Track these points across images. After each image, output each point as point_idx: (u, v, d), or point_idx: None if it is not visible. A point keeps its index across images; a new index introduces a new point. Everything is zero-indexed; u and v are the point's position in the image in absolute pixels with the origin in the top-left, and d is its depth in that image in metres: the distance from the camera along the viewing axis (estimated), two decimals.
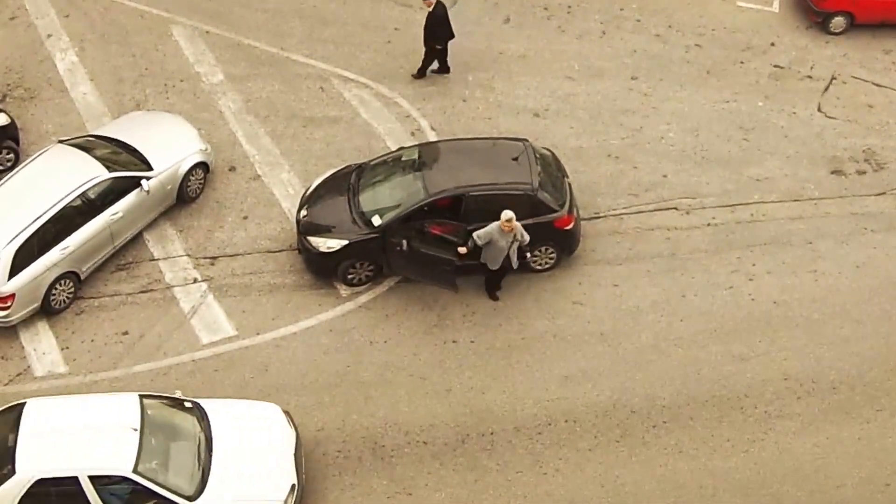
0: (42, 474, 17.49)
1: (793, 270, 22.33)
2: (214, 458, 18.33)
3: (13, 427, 18.08)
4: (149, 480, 17.62)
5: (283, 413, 19.23)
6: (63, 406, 18.42)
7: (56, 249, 20.81)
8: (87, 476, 17.50)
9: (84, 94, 24.89)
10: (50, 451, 17.74)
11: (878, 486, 19.37)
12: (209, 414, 18.87)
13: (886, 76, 26.13)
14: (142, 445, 17.87)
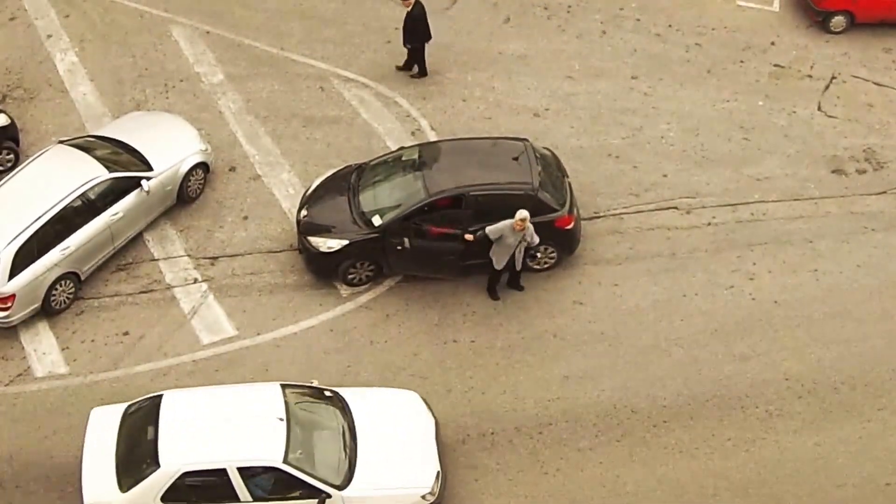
0: (189, 467, 17.46)
1: (793, 270, 22.33)
2: (359, 446, 18.25)
3: (152, 420, 18.01)
4: (298, 470, 17.56)
5: (421, 400, 19.19)
6: (201, 397, 18.36)
7: (56, 250, 20.81)
8: (236, 467, 17.45)
9: (84, 95, 24.88)
10: (195, 443, 17.66)
11: (879, 486, 19.36)
12: (349, 402, 18.80)
13: (887, 75, 26.11)
14: (289, 435, 17.78)
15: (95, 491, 17.80)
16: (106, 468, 17.95)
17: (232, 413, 18.09)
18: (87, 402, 20.12)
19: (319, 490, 17.65)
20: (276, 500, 17.73)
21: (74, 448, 19.55)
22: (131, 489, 17.60)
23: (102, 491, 17.76)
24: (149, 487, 17.51)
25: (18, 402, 20.18)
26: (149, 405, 18.44)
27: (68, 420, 19.93)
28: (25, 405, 20.14)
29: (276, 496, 17.72)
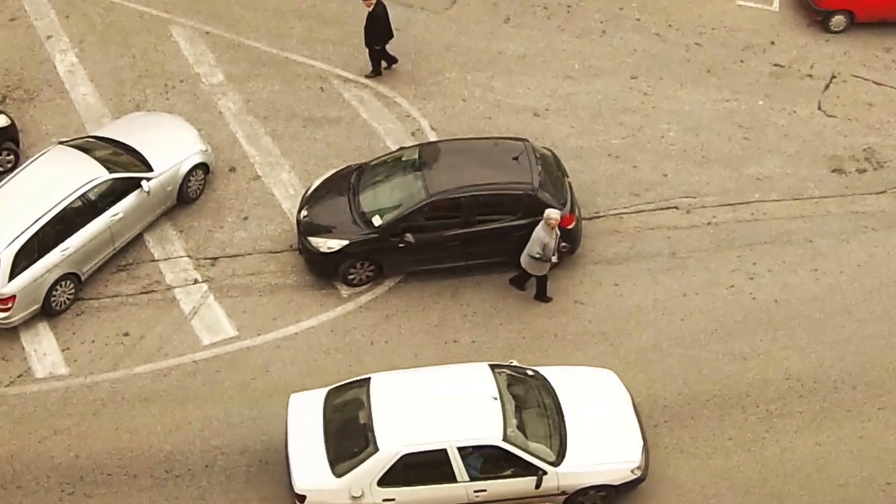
0: (409, 449, 17.50)
1: (794, 269, 22.32)
2: (567, 423, 18.34)
3: (362, 403, 18.03)
4: (517, 448, 17.62)
5: (616, 376, 19.34)
6: (410, 379, 18.37)
7: (56, 251, 20.82)
8: (456, 447, 17.48)
9: (84, 95, 24.89)
10: (413, 424, 17.65)
11: (880, 485, 19.36)
12: (551, 381, 18.89)
13: (887, 74, 26.10)
14: (505, 414, 17.82)
15: (307, 477, 17.81)
16: (315, 454, 17.96)
17: (445, 393, 18.11)
18: (88, 404, 20.15)
19: (536, 467, 17.77)
20: (489, 479, 17.82)
21: (75, 448, 19.59)
22: (347, 474, 17.65)
23: (315, 477, 17.78)
24: (366, 471, 17.51)
25: (19, 403, 20.19)
26: (355, 389, 18.46)
27: (69, 421, 19.95)
28: (26, 406, 20.16)
29: (488, 475, 17.81)
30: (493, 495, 17.94)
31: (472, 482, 17.74)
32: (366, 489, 17.59)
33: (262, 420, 19.97)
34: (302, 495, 17.80)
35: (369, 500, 17.67)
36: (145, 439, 19.76)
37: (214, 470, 19.42)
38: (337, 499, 17.68)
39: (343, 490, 17.64)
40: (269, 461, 19.51)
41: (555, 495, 18.13)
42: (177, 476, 19.36)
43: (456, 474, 17.66)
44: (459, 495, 17.85)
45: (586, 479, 18.06)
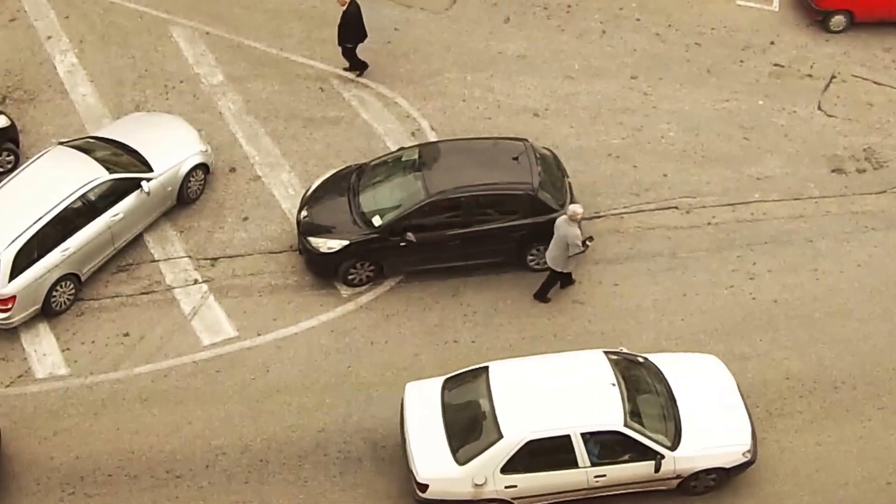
0: (534, 435, 17.66)
1: (794, 269, 22.32)
2: (680, 408, 18.55)
3: (483, 391, 18.18)
4: (638, 433, 17.82)
5: (721, 362, 19.51)
6: (528, 367, 18.51)
7: (56, 251, 20.82)
8: (580, 433, 17.73)
9: (84, 96, 24.89)
10: (536, 412, 17.81)
11: (880, 485, 19.36)
12: (660, 367, 19.07)
13: (886, 74, 26.10)
14: (624, 400, 18.01)
15: (430, 466, 17.98)
16: (436, 442, 18.12)
17: (564, 380, 18.27)
18: (88, 404, 20.16)
19: (655, 452, 17.98)
20: (609, 464, 18.01)
21: (76, 449, 19.59)
22: (470, 461, 17.80)
23: (437, 465, 17.95)
24: (490, 459, 17.67)
25: (19, 404, 20.19)
26: (473, 377, 18.65)
27: (69, 421, 19.95)
28: (26, 406, 20.15)
29: (609, 460, 18.00)
30: (613, 480, 18.19)
31: (592, 467, 17.97)
32: (489, 476, 17.78)
33: (262, 420, 19.98)
34: (424, 484, 17.97)
35: (492, 487, 17.86)
36: (146, 440, 19.77)
37: (215, 470, 19.43)
38: (460, 486, 17.89)
39: (466, 478, 17.82)
40: (269, 461, 19.51)
41: (670, 479, 18.40)
42: (177, 476, 19.37)
43: (578, 460, 17.88)
44: (580, 481, 18.09)
45: (701, 462, 18.34)
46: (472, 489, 17.85)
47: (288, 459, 19.56)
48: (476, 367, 18.84)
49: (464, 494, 17.91)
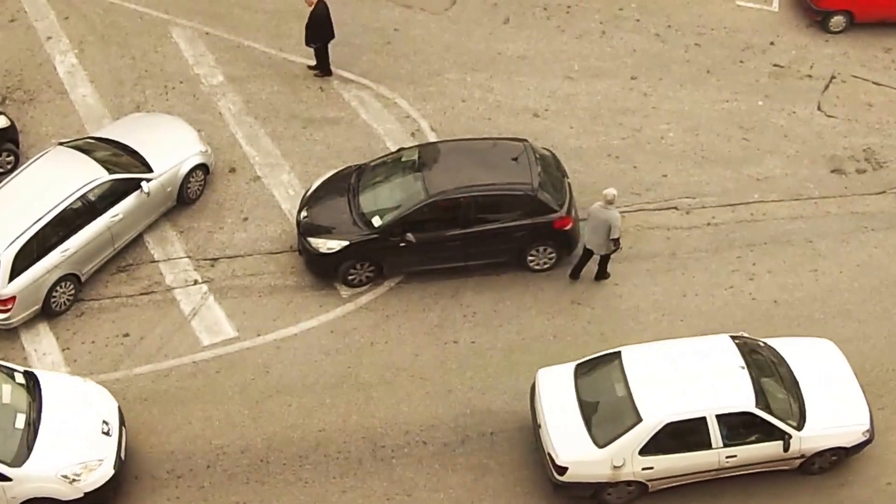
0: (671, 418, 18.11)
1: (793, 270, 22.33)
2: (803, 390, 18.99)
3: (617, 376, 18.58)
4: (767, 414, 18.35)
5: (835, 346, 19.87)
6: (659, 352, 18.93)
7: (56, 252, 20.83)
8: (715, 415, 18.20)
9: (84, 96, 24.90)
10: (672, 395, 18.28)
11: (881, 485, 19.37)
12: (777, 350, 19.46)
13: (886, 75, 26.11)
14: (753, 382, 18.54)
15: (570, 449, 18.37)
16: (574, 426, 18.53)
17: (695, 364, 18.72)
18: None
19: (783, 432, 18.40)
20: (740, 444, 18.46)
21: None
22: (609, 444, 18.21)
23: (577, 449, 18.35)
24: (629, 441, 18.12)
25: None
26: (606, 362, 19.07)
27: None
28: None
29: (739, 441, 18.44)
30: (742, 460, 18.62)
31: (724, 448, 18.39)
32: (627, 458, 18.19)
33: (262, 420, 19.99)
34: (564, 467, 18.30)
35: (629, 469, 18.27)
36: (146, 439, 19.77)
37: (216, 470, 19.43)
38: (599, 469, 18.29)
39: (605, 460, 18.23)
40: (269, 461, 19.52)
41: (794, 459, 18.85)
42: (178, 476, 19.38)
43: (712, 441, 18.30)
44: (712, 462, 18.52)
45: (824, 441, 18.77)
46: (611, 471, 18.29)
47: (288, 459, 19.57)
48: (608, 353, 19.27)
49: (602, 476, 18.36)
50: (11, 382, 18.79)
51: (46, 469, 18.11)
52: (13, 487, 17.97)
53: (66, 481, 18.16)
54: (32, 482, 18.03)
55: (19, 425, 18.40)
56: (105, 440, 18.74)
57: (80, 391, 19.17)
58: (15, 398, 18.61)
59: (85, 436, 18.60)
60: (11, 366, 19.19)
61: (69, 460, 18.29)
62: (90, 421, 18.81)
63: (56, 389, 19.03)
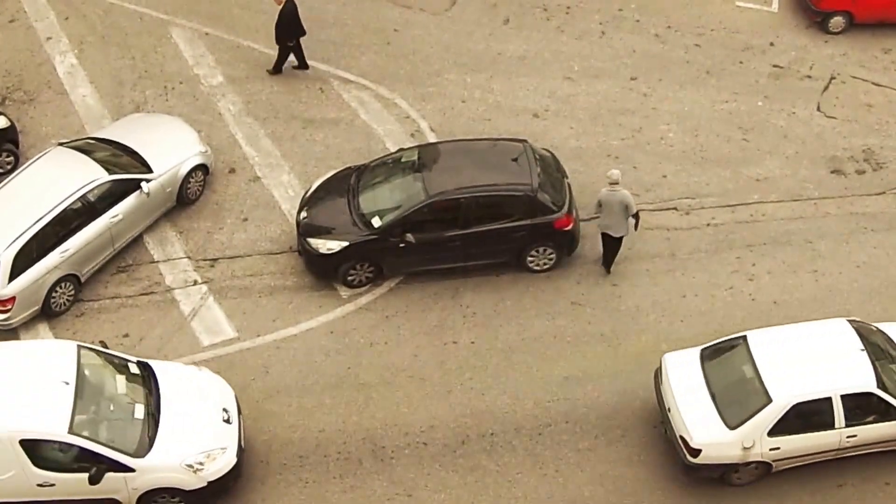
0: (800, 398, 18.55)
1: (793, 270, 22.33)
2: None
3: (745, 358, 19.06)
4: (888, 394, 18.71)
5: None
6: (783, 335, 19.44)
7: (56, 252, 20.83)
8: (840, 395, 18.60)
9: (84, 97, 24.90)
10: (799, 376, 18.71)
11: (879, 485, 19.37)
12: (887, 334, 19.94)
13: (886, 75, 26.12)
14: (873, 364, 18.94)
15: (703, 432, 18.71)
16: (705, 409, 18.89)
17: (817, 346, 19.22)
18: None
19: (893, 406, 18.79)
20: (860, 424, 18.81)
21: None
22: (740, 426, 18.58)
23: (710, 431, 18.69)
24: (759, 422, 18.53)
25: None
26: (731, 346, 19.46)
27: None
28: None
29: (857, 421, 18.79)
30: (862, 440, 18.99)
31: (846, 428, 18.75)
32: (757, 439, 18.56)
33: (262, 421, 19.98)
34: (697, 449, 18.65)
35: (758, 449, 18.65)
36: None
37: None
38: (730, 450, 18.65)
39: (736, 441, 18.58)
40: (269, 462, 19.52)
41: None
42: None
43: (835, 421, 18.67)
44: (833, 442, 18.88)
45: None
46: (741, 452, 18.61)
47: (288, 460, 19.56)
48: (733, 337, 19.57)
49: (732, 458, 18.69)
50: (126, 373, 18.85)
51: (170, 459, 18.16)
52: (136, 478, 18.02)
53: (190, 470, 18.20)
54: (156, 472, 18.07)
55: (139, 416, 18.40)
56: (226, 428, 18.80)
57: (197, 380, 19.27)
58: (131, 389, 18.67)
59: (206, 424, 18.66)
60: (125, 356, 19.25)
61: (192, 449, 18.35)
62: (210, 409, 18.89)
63: (172, 379, 19.10)
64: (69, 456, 17.84)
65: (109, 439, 17.97)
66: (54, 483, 17.91)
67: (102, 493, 18.08)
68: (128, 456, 17.95)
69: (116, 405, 18.41)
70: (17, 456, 17.66)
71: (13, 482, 17.80)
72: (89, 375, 18.48)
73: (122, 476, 17.97)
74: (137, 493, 18.20)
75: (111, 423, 18.18)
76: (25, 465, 17.72)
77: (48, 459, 17.82)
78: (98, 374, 18.60)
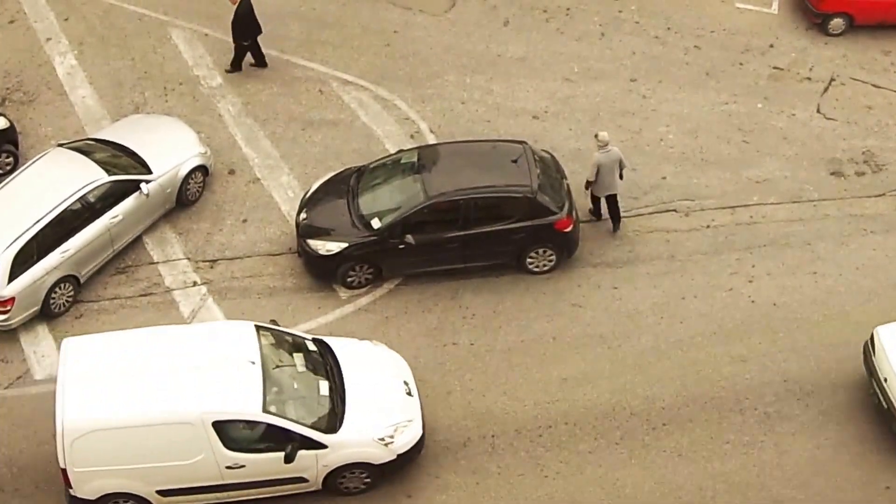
0: None
1: (792, 272, 22.33)
2: None
3: None
4: None
5: None
6: None
7: (56, 253, 20.82)
8: None
9: (83, 98, 24.89)
10: None
11: (879, 489, 19.36)
12: None
13: (885, 77, 26.12)
14: None
15: None
16: None
17: None
18: None
19: None
20: None
21: None
22: None
23: None
24: None
25: (18, 405, 20.18)
26: None
27: None
28: (25, 408, 20.14)
29: None
30: None
31: None
32: None
33: None
34: None
35: None
36: None
37: None
38: None
39: None
40: None
41: None
42: None
43: None
44: None
45: None
46: None
47: None
48: None
49: None
50: (304, 350, 18.92)
51: (361, 433, 18.25)
52: (327, 455, 18.09)
53: (381, 444, 18.29)
54: (348, 448, 18.14)
55: (324, 392, 18.45)
56: (409, 400, 18.94)
57: (373, 354, 19.38)
58: (312, 366, 18.74)
59: (391, 398, 18.74)
60: (300, 334, 19.39)
61: (382, 423, 18.43)
62: (392, 383, 19.01)
63: (350, 354, 19.21)
64: (259, 436, 17.86)
65: (301, 417, 17.99)
66: (244, 464, 17.87)
67: (292, 472, 18.09)
68: (320, 432, 17.98)
69: (301, 383, 18.43)
70: (209, 438, 17.61)
71: (202, 466, 17.76)
72: (271, 354, 18.46)
73: (314, 453, 18.00)
74: (327, 469, 18.21)
75: (299, 401, 18.21)
76: (216, 447, 17.68)
77: (238, 440, 17.82)
78: (278, 353, 18.64)
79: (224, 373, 17.95)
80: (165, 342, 18.44)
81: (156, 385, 17.73)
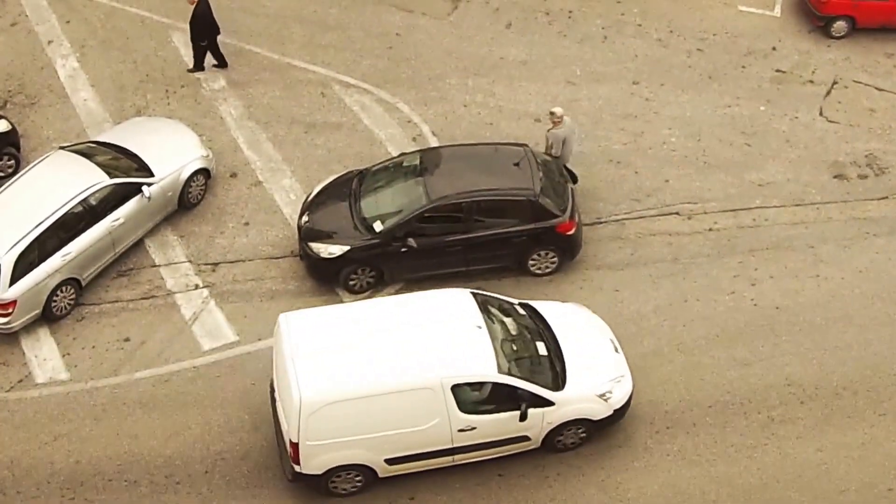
0: None
1: (795, 275, 22.30)
2: None
3: None
4: None
5: None
6: None
7: (57, 256, 20.82)
8: None
9: (85, 100, 24.89)
10: None
11: (882, 492, 19.32)
12: None
13: (888, 80, 26.10)
14: None
15: None
16: None
17: None
18: (88, 409, 20.15)
19: None
20: None
21: (76, 454, 19.57)
22: None
23: None
24: None
25: (19, 408, 20.19)
26: None
27: (69, 426, 19.94)
28: (26, 411, 20.15)
29: None
30: None
31: None
32: None
33: (263, 426, 19.95)
34: None
35: None
36: (146, 445, 19.75)
37: (215, 476, 19.40)
38: None
39: None
40: (269, 466, 19.48)
41: None
42: (177, 482, 19.34)
43: None
44: None
45: None
46: None
47: None
48: None
49: None
50: (514, 314, 19.39)
51: (584, 389, 18.87)
52: (553, 412, 18.62)
53: (601, 399, 18.81)
54: (572, 404, 18.68)
55: (543, 352, 18.96)
56: (618, 357, 19.59)
57: (578, 316, 19.91)
58: (525, 328, 19.20)
59: (603, 355, 19.32)
60: (508, 299, 19.86)
61: (601, 379, 19.00)
62: (600, 340, 19.60)
63: (557, 315, 19.85)
64: (489, 397, 18.23)
65: (529, 376, 18.44)
66: (475, 426, 18.27)
67: (518, 432, 18.59)
68: (548, 390, 18.43)
69: (520, 344, 18.92)
70: (447, 402, 17.98)
71: (435, 430, 18.16)
72: (490, 319, 18.88)
73: (542, 411, 18.52)
74: (550, 426, 18.76)
75: (524, 361, 18.71)
76: (452, 410, 18.06)
77: (471, 403, 18.19)
78: (496, 317, 19.08)
79: (455, 338, 18.42)
80: (384, 313, 18.80)
81: (388, 354, 18.07)
